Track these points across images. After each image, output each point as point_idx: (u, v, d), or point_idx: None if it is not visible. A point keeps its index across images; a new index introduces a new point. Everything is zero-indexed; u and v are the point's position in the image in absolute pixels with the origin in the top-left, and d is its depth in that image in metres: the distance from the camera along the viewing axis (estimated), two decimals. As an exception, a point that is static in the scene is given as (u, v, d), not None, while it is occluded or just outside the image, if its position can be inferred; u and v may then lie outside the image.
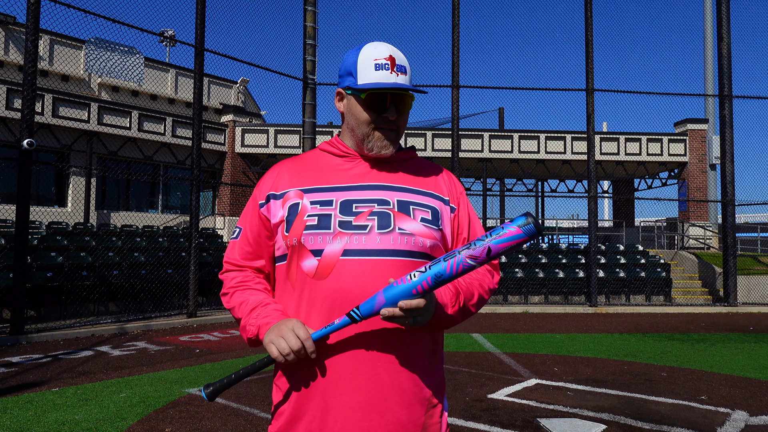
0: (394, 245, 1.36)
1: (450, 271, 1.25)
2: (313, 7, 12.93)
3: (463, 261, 1.26)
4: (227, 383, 1.35)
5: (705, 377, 6.26)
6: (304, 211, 1.40)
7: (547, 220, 25.96)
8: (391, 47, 1.44)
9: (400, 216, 1.40)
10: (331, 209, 1.39)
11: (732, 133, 14.68)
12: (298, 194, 1.43)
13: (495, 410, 4.85)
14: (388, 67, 1.41)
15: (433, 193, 1.49)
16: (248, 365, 1.36)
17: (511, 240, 1.24)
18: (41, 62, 15.29)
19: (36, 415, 4.59)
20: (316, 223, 1.38)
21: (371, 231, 1.37)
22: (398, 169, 1.50)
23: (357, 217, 1.38)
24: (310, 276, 1.36)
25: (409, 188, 1.46)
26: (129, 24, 10.44)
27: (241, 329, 1.41)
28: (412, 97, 1.46)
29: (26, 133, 8.54)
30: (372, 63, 1.41)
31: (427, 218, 1.43)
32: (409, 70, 1.46)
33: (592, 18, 14.26)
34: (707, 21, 21.81)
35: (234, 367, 6.65)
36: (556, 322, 11.35)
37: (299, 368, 1.37)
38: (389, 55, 1.42)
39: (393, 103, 1.42)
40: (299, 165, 1.51)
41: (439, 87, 14.18)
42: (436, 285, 1.26)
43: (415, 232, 1.39)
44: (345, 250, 1.35)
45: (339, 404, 1.33)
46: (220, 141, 18.81)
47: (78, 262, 10.94)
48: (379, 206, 1.40)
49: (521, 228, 1.23)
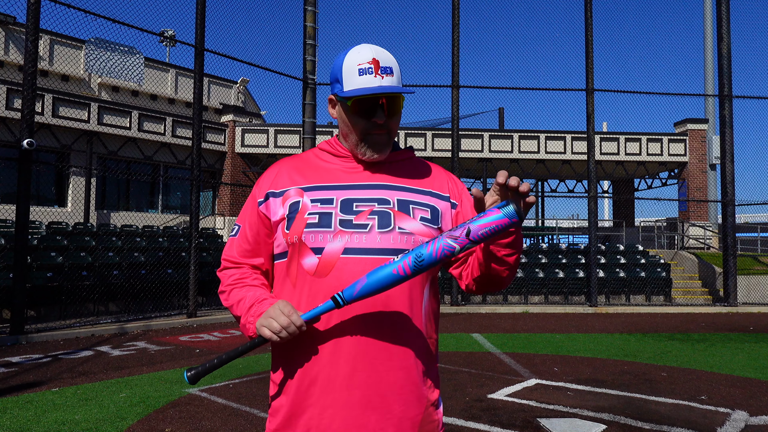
0: (394, 244, 1.37)
1: (430, 251, 1.25)
2: (313, 7, 12.93)
3: (444, 241, 1.25)
4: (209, 367, 1.36)
5: (705, 377, 6.26)
6: (304, 209, 1.40)
7: (547, 220, 25.97)
8: (375, 49, 1.42)
9: (400, 215, 1.41)
10: (332, 207, 1.40)
11: (732, 133, 14.68)
12: (299, 192, 1.43)
13: (495, 410, 4.85)
14: (372, 71, 1.39)
15: (433, 192, 1.49)
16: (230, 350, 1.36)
17: (491, 221, 1.23)
18: (41, 62, 15.28)
19: (36, 415, 4.60)
20: (317, 221, 1.38)
21: (372, 230, 1.37)
22: (398, 169, 1.50)
23: (357, 216, 1.39)
24: (311, 274, 1.37)
25: (409, 187, 1.47)
26: (129, 24, 10.45)
27: (242, 327, 1.42)
28: (401, 96, 1.45)
29: (26, 133, 8.54)
30: (356, 68, 1.39)
31: (427, 217, 1.43)
32: (397, 70, 1.43)
33: (592, 18, 14.27)
34: (707, 21, 21.81)
35: (234, 366, 6.64)
36: (556, 322, 11.35)
37: (297, 365, 1.38)
38: (372, 58, 1.40)
39: (380, 106, 1.41)
40: (299, 164, 1.52)
41: (439, 87, 14.20)
42: (417, 265, 1.26)
43: (415, 231, 1.40)
44: (345, 249, 1.36)
45: (337, 402, 1.34)
46: (220, 141, 18.82)
47: (78, 262, 10.94)
48: (380, 205, 1.41)
49: (500, 209, 1.23)
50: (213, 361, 1.37)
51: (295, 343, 1.38)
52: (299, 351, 1.38)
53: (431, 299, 1.46)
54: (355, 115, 1.42)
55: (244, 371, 6.37)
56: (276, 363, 1.45)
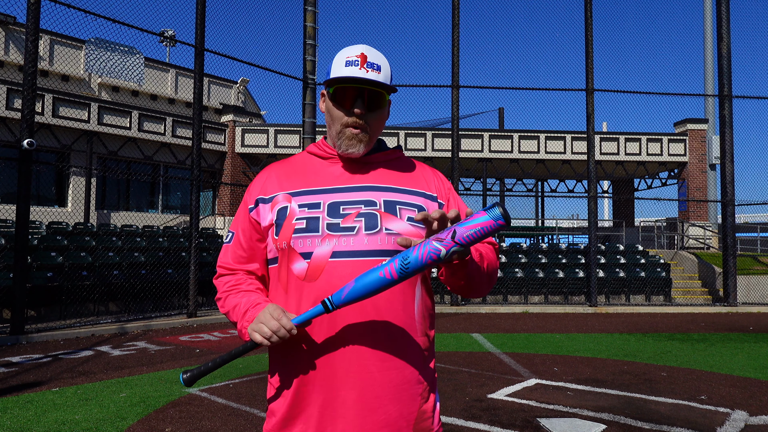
0: (381, 245, 1.38)
1: (416, 255, 1.24)
2: (313, 7, 12.94)
3: (430, 245, 1.24)
4: (205, 370, 1.37)
5: (705, 377, 6.26)
6: (292, 214, 1.42)
7: (547, 220, 25.96)
8: (367, 48, 1.46)
9: (387, 216, 1.41)
10: (319, 212, 1.41)
11: (732, 133, 14.69)
12: (287, 198, 1.45)
13: (495, 410, 4.85)
14: (358, 64, 1.42)
15: (420, 191, 1.49)
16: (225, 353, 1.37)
17: (476, 223, 1.22)
18: (41, 62, 15.29)
19: (36, 415, 4.60)
20: (305, 227, 1.39)
21: (359, 232, 1.38)
22: (385, 170, 1.51)
23: (344, 219, 1.40)
24: (301, 278, 1.38)
25: (396, 188, 1.47)
26: (129, 24, 10.45)
27: (239, 333, 1.43)
28: (384, 94, 1.46)
29: (26, 133, 8.54)
30: (344, 60, 1.43)
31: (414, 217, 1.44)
32: (386, 70, 1.45)
33: (592, 18, 14.27)
34: (707, 21, 21.81)
35: (234, 366, 6.65)
36: (556, 322, 11.36)
37: (293, 367, 1.39)
38: (361, 53, 1.44)
39: (361, 98, 1.43)
40: (287, 168, 1.53)
41: (439, 87, 14.21)
42: (404, 269, 1.25)
43: (402, 232, 1.40)
44: (334, 252, 1.37)
45: (335, 402, 1.35)
46: (220, 141, 18.82)
47: (78, 262, 10.94)
48: (366, 207, 1.42)
49: (486, 212, 1.22)
50: (208, 364, 1.38)
51: (290, 346, 1.39)
52: (294, 354, 1.39)
53: (424, 297, 1.47)
54: (336, 103, 1.45)
55: (244, 371, 6.37)
56: (273, 365, 1.46)
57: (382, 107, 1.47)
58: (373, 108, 1.45)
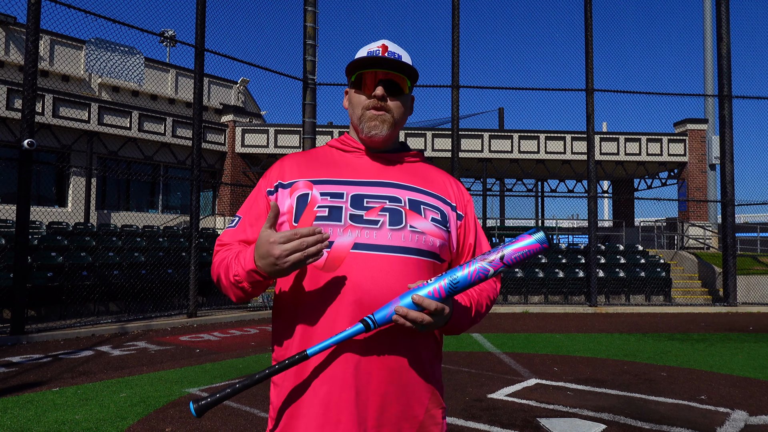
0: (405, 242, 1.37)
1: (465, 274, 1.28)
2: (313, 7, 12.94)
3: (478, 265, 1.28)
4: (213, 401, 1.27)
5: (705, 377, 6.27)
6: (314, 201, 1.40)
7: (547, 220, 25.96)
8: (388, 41, 1.49)
9: (412, 214, 1.40)
10: (342, 202, 1.39)
11: (731, 133, 14.69)
12: (307, 185, 1.43)
13: (495, 410, 4.86)
14: (379, 53, 1.45)
15: (441, 197, 1.50)
16: (244, 379, 1.31)
17: (523, 246, 1.28)
18: (41, 62, 15.29)
19: (36, 415, 4.60)
20: (327, 215, 1.37)
21: (383, 226, 1.37)
22: (407, 169, 1.51)
23: (368, 212, 1.38)
24: (318, 267, 1.36)
25: (419, 188, 1.47)
26: (129, 24, 10.45)
27: (235, 285, 1.35)
28: (405, 81, 1.48)
29: (26, 133, 8.54)
30: (365, 51, 1.47)
31: (438, 218, 1.44)
32: (407, 59, 1.49)
33: (592, 18, 14.27)
34: (707, 21, 21.81)
35: (234, 366, 6.65)
36: (555, 322, 11.36)
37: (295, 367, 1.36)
38: (382, 44, 1.47)
39: (380, 81, 1.45)
40: (308, 158, 1.52)
41: (439, 87, 14.20)
42: (452, 291, 1.28)
43: (426, 231, 1.40)
44: (356, 244, 1.35)
45: (341, 402, 1.33)
46: (220, 141, 18.82)
47: (78, 262, 10.94)
48: (391, 203, 1.41)
49: (532, 235, 1.28)
50: (216, 395, 1.27)
51: (296, 344, 1.38)
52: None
53: None
54: (357, 89, 1.47)
55: (244, 371, 6.38)
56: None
57: (404, 94, 1.49)
58: (392, 93, 1.46)
